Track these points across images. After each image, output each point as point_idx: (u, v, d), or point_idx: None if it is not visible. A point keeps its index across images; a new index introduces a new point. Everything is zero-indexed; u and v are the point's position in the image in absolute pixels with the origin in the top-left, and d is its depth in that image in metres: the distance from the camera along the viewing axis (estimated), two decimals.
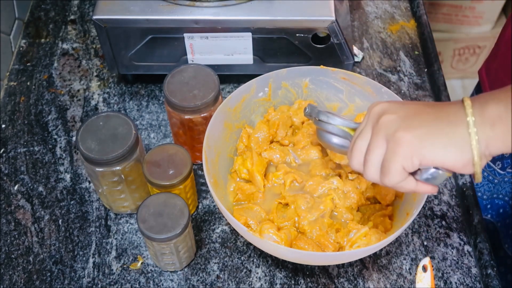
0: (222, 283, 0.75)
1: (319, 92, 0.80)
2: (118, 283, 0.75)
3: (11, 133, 0.90)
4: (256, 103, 0.80)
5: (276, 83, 0.79)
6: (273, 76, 0.78)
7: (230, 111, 0.76)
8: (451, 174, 0.54)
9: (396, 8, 1.06)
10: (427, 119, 0.53)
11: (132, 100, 0.94)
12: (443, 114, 0.53)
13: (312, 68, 0.78)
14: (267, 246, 0.66)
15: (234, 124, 0.78)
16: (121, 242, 0.79)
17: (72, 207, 0.82)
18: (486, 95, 0.52)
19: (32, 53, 1.00)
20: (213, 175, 0.70)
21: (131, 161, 0.73)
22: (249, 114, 0.80)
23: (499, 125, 0.50)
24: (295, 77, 0.79)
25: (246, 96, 0.77)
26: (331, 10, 0.82)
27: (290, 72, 0.78)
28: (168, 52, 0.87)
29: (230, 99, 0.75)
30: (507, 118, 0.49)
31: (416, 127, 0.53)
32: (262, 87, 0.79)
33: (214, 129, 0.73)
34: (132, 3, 0.83)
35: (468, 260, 0.78)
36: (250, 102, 0.79)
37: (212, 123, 0.72)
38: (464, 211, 0.82)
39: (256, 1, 0.83)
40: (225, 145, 0.77)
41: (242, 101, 0.77)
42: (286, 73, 0.78)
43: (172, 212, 0.69)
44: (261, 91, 0.79)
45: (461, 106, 0.52)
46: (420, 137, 0.52)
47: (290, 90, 0.80)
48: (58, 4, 1.07)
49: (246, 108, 0.79)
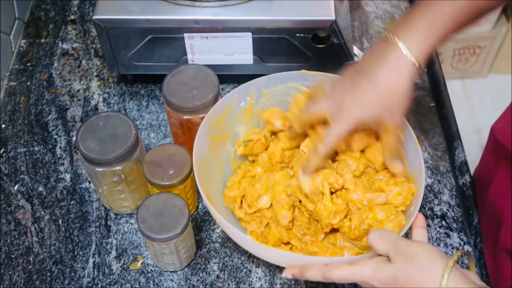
0: (222, 283, 0.75)
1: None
2: (118, 283, 0.75)
3: (11, 133, 0.90)
4: (239, 113, 0.78)
5: (257, 92, 0.77)
6: (253, 84, 0.76)
7: (214, 123, 0.74)
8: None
9: (396, 8, 1.06)
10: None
11: (132, 100, 0.94)
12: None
13: (292, 73, 0.76)
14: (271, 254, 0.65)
15: (219, 137, 0.76)
16: (121, 242, 0.79)
17: (72, 207, 0.82)
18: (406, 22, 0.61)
19: (32, 53, 1.00)
20: (204, 190, 0.68)
21: (131, 161, 0.73)
22: (232, 125, 0.78)
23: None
24: (276, 84, 0.77)
25: (228, 107, 0.76)
26: (331, 10, 0.82)
27: (271, 79, 0.76)
28: (168, 52, 0.87)
29: (213, 111, 0.73)
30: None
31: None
32: (244, 96, 0.77)
33: (201, 143, 0.71)
34: (132, 3, 0.83)
35: (468, 260, 0.78)
36: (233, 113, 0.77)
37: (199, 138, 0.70)
38: (464, 211, 0.82)
39: (256, 1, 0.83)
40: (213, 158, 0.75)
41: (225, 112, 0.75)
42: (266, 81, 0.76)
43: (172, 212, 0.69)
44: (243, 101, 0.77)
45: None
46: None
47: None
48: (58, 4, 1.07)
49: (230, 120, 0.77)
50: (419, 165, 0.67)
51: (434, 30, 0.59)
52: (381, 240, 0.56)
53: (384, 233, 0.57)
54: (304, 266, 0.61)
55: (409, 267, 0.53)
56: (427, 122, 0.91)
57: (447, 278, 0.51)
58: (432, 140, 0.89)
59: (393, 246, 0.55)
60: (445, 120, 0.90)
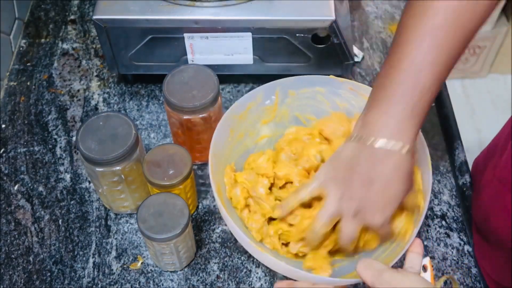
0: (222, 283, 0.76)
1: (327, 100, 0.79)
2: (118, 283, 0.75)
3: (11, 133, 0.90)
4: (262, 111, 0.78)
5: (283, 92, 0.77)
6: (280, 84, 0.76)
7: (235, 118, 0.74)
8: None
9: (396, 8, 1.06)
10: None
11: (132, 100, 0.94)
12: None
13: (319, 77, 0.76)
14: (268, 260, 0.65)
15: (239, 132, 0.76)
16: (121, 242, 0.79)
17: (72, 207, 0.82)
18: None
19: (32, 53, 1.00)
20: (216, 183, 0.68)
21: (131, 161, 0.73)
22: (254, 123, 0.78)
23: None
24: (303, 86, 0.77)
25: (251, 103, 0.76)
26: (331, 10, 0.82)
27: (298, 80, 0.76)
28: (168, 52, 0.87)
29: (236, 106, 0.74)
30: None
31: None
32: (269, 95, 0.77)
33: (220, 136, 0.71)
34: (132, 3, 0.83)
35: (468, 260, 0.78)
36: (256, 110, 0.77)
37: (218, 130, 0.71)
38: (464, 211, 0.82)
39: (256, 1, 0.83)
40: (230, 153, 0.75)
41: (248, 108, 0.76)
42: (293, 82, 0.76)
43: (172, 212, 0.69)
44: (268, 99, 0.77)
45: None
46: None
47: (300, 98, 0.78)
48: (58, 4, 1.07)
49: (253, 116, 0.77)
50: (427, 184, 0.67)
51: (415, 115, 0.60)
52: (367, 271, 0.56)
53: (371, 263, 0.57)
54: (292, 283, 0.63)
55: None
56: (427, 122, 0.91)
57: None
58: (432, 140, 0.89)
59: (378, 278, 0.55)
60: (445, 120, 0.90)
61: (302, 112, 0.80)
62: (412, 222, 0.67)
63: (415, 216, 0.67)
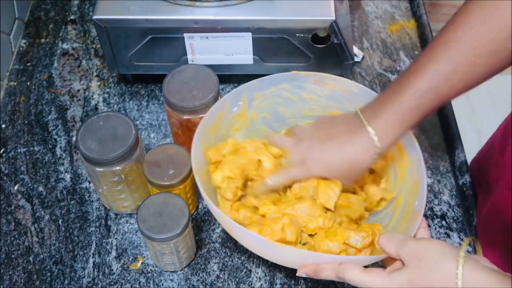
0: (222, 283, 0.76)
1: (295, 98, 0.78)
2: (118, 283, 0.76)
3: (11, 133, 0.90)
4: (232, 119, 0.77)
5: (249, 96, 0.76)
6: (245, 88, 0.75)
7: (208, 131, 0.73)
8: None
9: (396, 8, 1.06)
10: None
11: (132, 100, 0.94)
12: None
13: (283, 75, 0.76)
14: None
15: (216, 143, 0.75)
16: (121, 242, 0.79)
17: (72, 207, 0.82)
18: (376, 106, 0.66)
19: (32, 53, 1.00)
20: (208, 194, 0.67)
21: (131, 161, 0.73)
22: (227, 131, 0.77)
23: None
24: (268, 86, 0.76)
25: (220, 113, 0.74)
26: (331, 10, 0.82)
27: (262, 82, 0.76)
28: (168, 52, 0.87)
29: (206, 119, 0.72)
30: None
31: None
32: (236, 101, 0.76)
33: (196, 150, 0.70)
34: (132, 3, 0.83)
35: None
36: (226, 119, 0.76)
37: (195, 144, 0.69)
38: (464, 211, 0.82)
39: (256, 1, 0.83)
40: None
41: (219, 118, 0.74)
42: (258, 84, 0.76)
43: (172, 212, 0.69)
44: (235, 106, 0.76)
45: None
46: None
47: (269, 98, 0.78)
48: (58, 4, 1.07)
49: (224, 125, 0.76)
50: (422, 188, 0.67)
51: (402, 122, 0.64)
52: (390, 242, 0.57)
53: (392, 235, 0.58)
54: (318, 265, 0.61)
55: (422, 265, 0.54)
56: (427, 122, 0.91)
57: (462, 268, 0.52)
58: (432, 140, 0.89)
59: (402, 247, 0.56)
60: (445, 120, 0.90)
61: (269, 111, 0.79)
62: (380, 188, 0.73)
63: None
